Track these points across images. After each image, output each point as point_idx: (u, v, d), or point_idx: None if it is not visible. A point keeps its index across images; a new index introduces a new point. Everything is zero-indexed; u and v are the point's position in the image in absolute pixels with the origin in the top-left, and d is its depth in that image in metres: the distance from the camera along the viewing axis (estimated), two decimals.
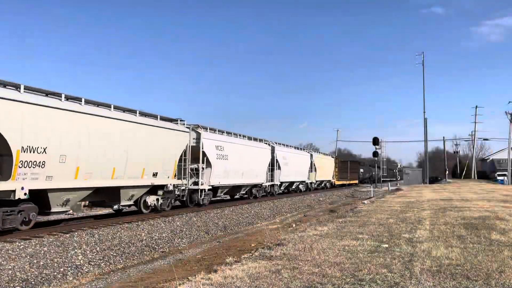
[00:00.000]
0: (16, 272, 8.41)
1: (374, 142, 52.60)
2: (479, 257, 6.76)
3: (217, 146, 20.52)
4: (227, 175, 21.49)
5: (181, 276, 7.02)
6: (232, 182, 22.41)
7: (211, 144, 20.05)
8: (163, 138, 16.11)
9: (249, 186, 25.54)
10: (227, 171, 21.37)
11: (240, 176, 23.06)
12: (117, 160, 13.58)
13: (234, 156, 22.03)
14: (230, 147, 21.81)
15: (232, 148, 22.01)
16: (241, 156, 22.95)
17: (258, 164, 25.63)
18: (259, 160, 25.90)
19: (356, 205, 19.31)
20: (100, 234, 12.37)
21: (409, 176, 55.97)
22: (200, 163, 19.09)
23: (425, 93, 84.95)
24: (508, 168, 55.83)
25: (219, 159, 20.52)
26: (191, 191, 19.13)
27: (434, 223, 11.07)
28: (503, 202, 18.48)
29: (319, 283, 5.34)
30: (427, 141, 51.12)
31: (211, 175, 19.74)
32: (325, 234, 9.47)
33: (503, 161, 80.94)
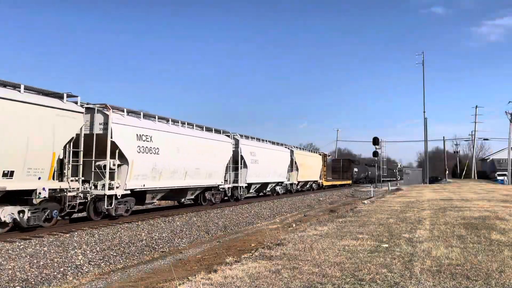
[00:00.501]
0: (16, 272, 8.41)
1: (374, 142, 52.62)
2: (479, 257, 6.76)
3: (140, 135, 14.94)
4: (158, 175, 16.01)
5: (181, 276, 7.02)
6: (167, 184, 16.67)
7: (130, 133, 14.52)
8: None
9: (200, 189, 20.09)
10: (158, 169, 15.91)
11: (183, 176, 17.72)
12: None
13: (171, 149, 16.76)
14: (163, 138, 16.40)
15: (167, 140, 16.66)
16: (185, 150, 17.75)
17: (212, 161, 20.14)
18: (215, 156, 20.44)
19: (356, 205, 19.31)
20: (100, 234, 12.37)
21: (409, 176, 55.91)
22: (108, 158, 13.59)
23: (425, 93, 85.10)
24: (508, 168, 55.84)
25: (143, 152, 14.98)
26: (95, 198, 13.85)
27: (434, 223, 11.07)
28: (503, 202, 18.48)
29: (319, 283, 5.34)
30: (427, 141, 51.15)
31: (128, 175, 14.31)
32: (325, 234, 9.47)
33: (503, 161, 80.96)
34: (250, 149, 24.74)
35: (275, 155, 29.20)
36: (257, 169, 25.59)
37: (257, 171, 25.76)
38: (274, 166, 28.75)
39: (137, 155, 14.72)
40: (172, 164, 16.85)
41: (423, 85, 62.80)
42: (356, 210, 15.45)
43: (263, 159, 26.42)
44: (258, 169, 25.74)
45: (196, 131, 19.58)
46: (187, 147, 18.05)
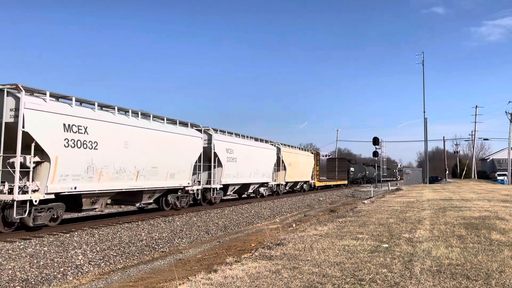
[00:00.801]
0: (16, 272, 8.41)
1: (374, 142, 52.62)
2: (479, 257, 6.76)
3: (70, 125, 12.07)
4: (98, 175, 13.07)
5: (181, 276, 7.02)
6: (110, 186, 13.72)
7: (54, 122, 11.64)
8: None
9: (159, 192, 17.07)
10: (96, 168, 12.94)
11: (134, 176, 14.73)
12: None
13: (115, 144, 13.83)
14: (105, 130, 13.42)
15: (111, 132, 13.68)
16: (136, 145, 14.79)
17: (175, 159, 17.24)
18: (178, 153, 17.47)
19: (356, 205, 19.30)
20: (100, 234, 12.37)
21: (409, 176, 55.74)
22: (18, 154, 10.76)
23: (425, 93, 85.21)
24: (508, 168, 55.84)
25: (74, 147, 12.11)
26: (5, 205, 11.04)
27: (434, 223, 11.06)
28: (503, 202, 18.48)
29: (319, 283, 5.34)
30: (427, 141, 51.08)
31: (51, 176, 11.51)
32: (325, 234, 9.47)
33: (503, 161, 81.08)
34: (226, 146, 21.79)
35: (258, 153, 25.97)
36: (235, 168, 22.62)
37: (235, 170, 22.76)
38: (256, 165, 25.61)
39: (64, 150, 11.82)
40: (118, 161, 13.92)
41: (423, 85, 62.92)
42: (356, 210, 15.44)
43: (242, 157, 23.41)
44: (236, 168, 22.77)
45: (153, 123, 16.33)
46: (139, 141, 15.04)
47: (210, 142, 20.59)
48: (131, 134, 14.71)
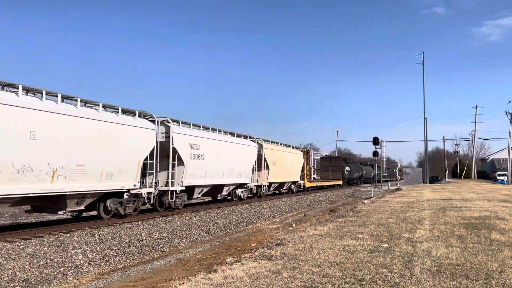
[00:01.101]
0: (16, 272, 8.42)
1: (374, 142, 52.60)
2: (479, 257, 6.76)
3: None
4: None
5: (181, 276, 7.02)
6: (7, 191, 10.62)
7: None
8: None
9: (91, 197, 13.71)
10: None
11: (47, 177, 11.62)
12: None
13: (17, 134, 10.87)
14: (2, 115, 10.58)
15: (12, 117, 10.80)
16: (53, 136, 11.79)
17: (118, 155, 14.09)
18: (122, 148, 14.31)
19: (356, 205, 19.30)
20: (100, 234, 12.37)
21: (409, 176, 55.69)
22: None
23: (425, 93, 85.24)
24: (508, 168, 55.83)
25: None
26: None
27: (434, 223, 11.06)
28: (503, 202, 18.47)
29: (319, 283, 5.34)
30: (427, 141, 51.07)
31: None
32: (325, 234, 9.47)
33: (503, 161, 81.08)
34: (189, 140, 18.29)
35: (234, 150, 22.38)
36: (202, 167, 19.08)
37: (203, 170, 19.20)
38: (232, 164, 22.00)
39: None
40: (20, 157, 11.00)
41: (423, 85, 62.93)
42: (356, 210, 15.44)
43: (212, 154, 19.95)
44: (203, 167, 19.22)
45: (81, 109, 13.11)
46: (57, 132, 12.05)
47: (169, 136, 17.13)
48: (43, 121, 11.64)
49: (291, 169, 32.77)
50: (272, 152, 28.60)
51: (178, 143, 17.46)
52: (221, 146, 21.08)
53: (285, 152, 31.52)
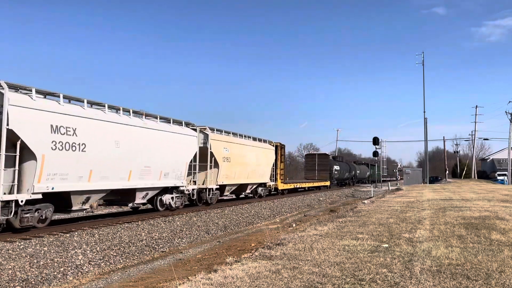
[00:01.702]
0: (16, 272, 8.42)
1: (374, 142, 52.61)
2: (479, 257, 6.76)
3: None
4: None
5: (181, 276, 7.02)
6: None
7: None
8: None
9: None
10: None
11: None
12: None
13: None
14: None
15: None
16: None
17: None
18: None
19: (356, 205, 19.30)
20: (100, 234, 12.38)
21: (409, 176, 55.74)
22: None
23: (425, 93, 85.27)
24: (508, 168, 55.84)
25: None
26: None
27: (434, 223, 11.06)
28: (503, 202, 18.47)
29: (319, 283, 5.34)
30: (427, 141, 51.09)
31: None
32: (325, 234, 9.47)
33: (503, 161, 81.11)
34: (57, 121, 11.93)
35: (153, 139, 16.18)
36: (82, 162, 12.73)
37: (86, 165, 12.90)
38: (151, 160, 15.96)
39: None
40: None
41: (423, 85, 62.92)
42: (356, 210, 15.44)
43: (111, 145, 13.97)
44: (85, 161, 12.82)
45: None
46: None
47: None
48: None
49: (256, 167, 26.03)
50: (225, 145, 21.87)
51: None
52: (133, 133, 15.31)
53: (245, 146, 24.64)
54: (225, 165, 21.76)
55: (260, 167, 27.14)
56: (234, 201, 25.04)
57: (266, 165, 28.28)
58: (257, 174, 26.59)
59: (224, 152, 21.70)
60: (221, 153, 21.32)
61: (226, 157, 21.88)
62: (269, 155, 28.79)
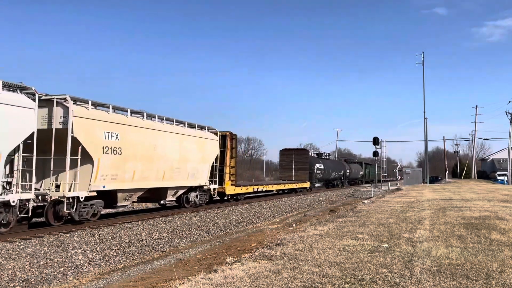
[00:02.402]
0: (16, 272, 8.42)
1: (374, 142, 52.62)
2: (479, 257, 6.76)
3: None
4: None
5: (181, 276, 7.02)
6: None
7: None
8: None
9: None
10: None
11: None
12: None
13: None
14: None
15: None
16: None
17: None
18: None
19: (356, 205, 19.30)
20: (100, 234, 12.38)
21: (409, 176, 55.70)
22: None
23: (425, 93, 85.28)
24: (508, 168, 55.85)
25: None
26: None
27: (434, 223, 11.06)
28: (503, 202, 18.47)
29: (319, 283, 5.34)
30: (427, 141, 51.10)
31: None
32: (325, 234, 9.47)
33: (503, 161, 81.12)
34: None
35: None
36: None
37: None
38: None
39: None
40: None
41: (423, 85, 62.90)
42: (356, 210, 15.44)
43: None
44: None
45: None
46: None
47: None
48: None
49: (182, 164, 18.34)
50: (110, 128, 14.28)
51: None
52: None
53: (160, 133, 17.02)
54: (110, 159, 14.12)
55: (191, 163, 19.06)
56: (234, 202, 24.99)
57: (202, 161, 20.01)
58: (184, 173, 18.57)
59: (108, 139, 14.09)
60: (99, 140, 13.71)
61: (112, 147, 14.20)
62: (208, 148, 20.67)
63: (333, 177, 47.48)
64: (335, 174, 47.79)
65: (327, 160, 47.42)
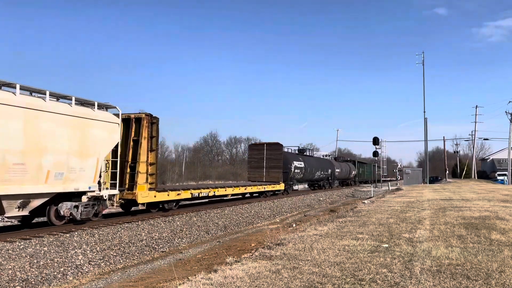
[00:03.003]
0: (16, 272, 8.42)
1: (374, 142, 52.63)
2: (479, 257, 6.76)
3: None
4: None
5: (181, 276, 7.02)
6: None
7: None
8: None
9: None
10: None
11: None
12: None
13: None
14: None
15: None
16: None
17: None
18: None
19: (356, 205, 19.31)
20: (100, 234, 12.37)
21: (409, 176, 55.64)
22: None
23: (425, 93, 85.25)
24: (508, 168, 55.84)
25: None
26: None
27: (434, 223, 11.07)
28: (503, 202, 18.48)
29: (319, 283, 5.34)
30: (427, 141, 51.13)
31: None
32: (325, 234, 9.47)
33: (503, 161, 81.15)
34: None
35: None
36: None
37: None
38: None
39: None
40: None
41: (423, 85, 62.89)
42: (356, 210, 15.45)
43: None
44: None
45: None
46: None
47: None
48: None
49: (34, 157, 11.45)
50: None
51: None
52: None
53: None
54: None
55: (54, 156, 12.09)
56: (233, 201, 24.98)
57: (81, 154, 13.02)
58: (37, 172, 11.55)
59: None
60: None
61: None
62: (97, 134, 13.68)
63: (318, 177, 40.76)
64: (320, 174, 41.02)
65: (310, 158, 40.16)
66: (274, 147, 31.51)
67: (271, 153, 31.35)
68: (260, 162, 31.28)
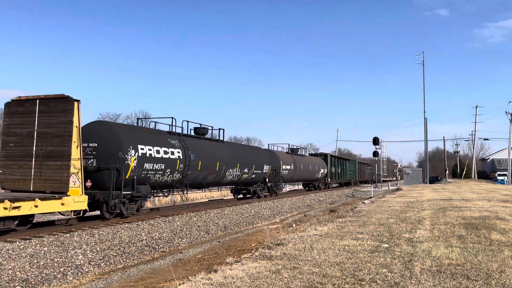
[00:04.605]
0: (16, 272, 8.41)
1: (374, 142, 52.60)
2: (479, 257, 6.76)
3: None
4: None
5: (181, 276, 7.02)
6: None
7: None
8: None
9: None
10: None
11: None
12: None
13: None
14: None
15: None
16: None
17: None
18: None
19: (356, 205, 19.30)
20: (100, 234, 12.37)
21: (409, 176, 55.60)
22: None
23: (425, 93, 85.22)
24: (508, 168, 55.85)
25: None
26: None
27: (434, 223, 11.06)
28: (503, 202, 18.47)
29: (319, 283, 5.34)
30: (427, 141, 51.14)
31: None
32: (325, 234, 9.47)
33: (503, 161, 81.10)
34: None
35: None
36: None
37: None
38: None
39: None
40: None
41: (423, 85, 62.93)
42: (356, 210, 15.44)
43: None
44: None
45: None
46: None
47: None
48: None
49: None
50: None
51: None
52: None
53: None
54: None
55: None
56: (233, 201, 24.98)
57: None
58: None
59: None
60: None
61: None
62: None
63: (230, 180, 22.24)
64: (235, 172, 22.08)
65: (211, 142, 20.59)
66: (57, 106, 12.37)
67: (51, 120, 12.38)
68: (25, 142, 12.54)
